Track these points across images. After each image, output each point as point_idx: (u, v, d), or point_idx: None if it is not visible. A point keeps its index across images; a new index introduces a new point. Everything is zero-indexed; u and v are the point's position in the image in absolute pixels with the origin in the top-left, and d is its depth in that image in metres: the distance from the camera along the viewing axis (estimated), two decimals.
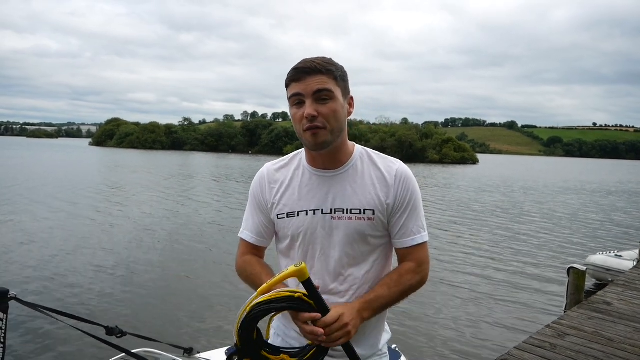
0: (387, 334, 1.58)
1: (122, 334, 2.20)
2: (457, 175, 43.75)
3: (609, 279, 7.28)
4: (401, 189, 1.44)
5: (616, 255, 8.17)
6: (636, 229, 15.41)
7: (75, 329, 2.14)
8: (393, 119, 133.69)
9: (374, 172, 1.46)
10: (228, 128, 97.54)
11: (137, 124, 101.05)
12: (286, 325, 1.53)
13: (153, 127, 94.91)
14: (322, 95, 1.34)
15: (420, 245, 1.46)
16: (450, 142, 78.40)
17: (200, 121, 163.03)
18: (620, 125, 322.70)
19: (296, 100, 1.36)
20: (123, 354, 2.20)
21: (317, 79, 1.33)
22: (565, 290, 6.15)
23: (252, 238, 1.56)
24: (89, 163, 42.58)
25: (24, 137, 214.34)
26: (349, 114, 1.44)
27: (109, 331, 2.16)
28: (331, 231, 1.43)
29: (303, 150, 1.53)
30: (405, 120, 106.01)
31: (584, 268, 5.94)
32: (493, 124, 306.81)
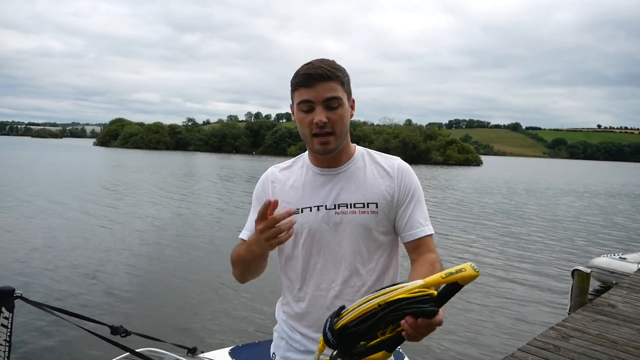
0: None
1: (127, 333, 2.21)
2: (460, 176, 43.68)
3: (613, 282, 7.25)
4: (404, 181, 1.47)
5: (620, 257, 8.13)
6: None
7: (80, 327, 2.15)
8: (397, 120, 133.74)
9: (376, 168, 1.50)
10: (232, 128, 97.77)
11: (141, 124, 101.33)
12: (291, 329, 1.52)
13: (157, 127, 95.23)
14: (332, 103, 1.36)
15: (430, 236, 1.45)
16: (454, 143, 78.34)
17: (204, 121, 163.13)
18: (625, 127, 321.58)
19: (306, 107, 1.38)
20: (127, 353, 2.22)
21: (327, 86, 1.35)
22: (569, 293, 6.14)
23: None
24: (94, 163, 42.72)
25: (29, 137, 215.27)
26: (351, 115, 1.46)
27: (114, 330, 2.18)
28: (336, 226, 1.43)
29: (306, 152, 1.55)
30: (409, 122, 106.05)
31: (588, 270, 5.93)
32: (497, 126, 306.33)
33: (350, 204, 1.44)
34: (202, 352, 2.90)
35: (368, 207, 1.43)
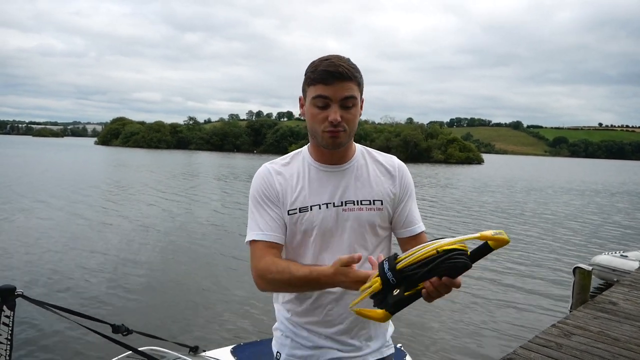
0: (391, 326, 1.64)
1: (128, 332, 2.21)
2: (461, 175, 43.63)
3: (615, 279, 7.25)
4: (404, 180, 1.55)
5: (622, 255, 8.14)
6: None
7: (82, 326, 2.15)
8: (398, 118, 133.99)
9: (377, 167, 1.54)
10: (233, 127, 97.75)
11: (142, 123, 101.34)
12: (296, 325, 1.52)
13: (158, 126, 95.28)
14: (348, 103, 1.39)
15: (424, 232, 1.55)
16: (456, 142, 78.24)
17: (205, 120, 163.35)
18: (627, 126, 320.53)
19: (321, 102, 1.38)
20: (129, 351, 2.22)
21: (346, 86, 1.37)
22: (570, 290, 6.13)
23: (269, 235, 1.44)
24: (95, 162, 42.73)
25: (30, 136, 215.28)
26: (360, 115, 1.48)
27: (115, 329, 2.18)
28: (343, 223, 1.46)
29: (304, 148, 1.56)
30: (410, 120, 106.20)
31: (589, 268, 5.93)
32: (498, 124, 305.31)
33: (357, 201, 1.47)
34: (203, 351, 2.89)
35: (374, 204, 1.48)
